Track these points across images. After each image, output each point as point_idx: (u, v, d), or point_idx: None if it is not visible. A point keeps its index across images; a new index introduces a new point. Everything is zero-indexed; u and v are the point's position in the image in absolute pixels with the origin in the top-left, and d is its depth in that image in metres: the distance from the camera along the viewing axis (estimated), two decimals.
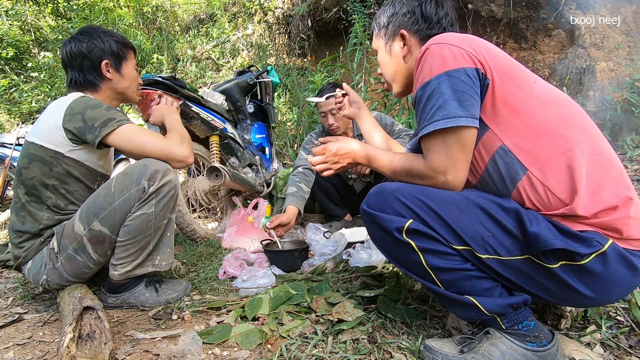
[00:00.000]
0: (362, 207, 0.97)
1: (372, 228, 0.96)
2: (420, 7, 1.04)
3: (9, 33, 5.97)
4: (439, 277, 0.89)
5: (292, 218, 1.94)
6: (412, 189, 0.92)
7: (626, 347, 1.01)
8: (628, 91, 3.14)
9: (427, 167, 0.91)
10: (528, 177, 0.85)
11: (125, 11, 7.33)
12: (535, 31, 3.98)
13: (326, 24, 5.39)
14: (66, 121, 1.28)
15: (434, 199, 0.88)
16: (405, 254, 0.91)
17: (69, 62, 1.40)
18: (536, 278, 0.84)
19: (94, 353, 0.97)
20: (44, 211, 1.33)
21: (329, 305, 1.21)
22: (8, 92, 5.68)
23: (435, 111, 0.87)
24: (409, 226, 0.88)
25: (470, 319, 0.93)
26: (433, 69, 0.88)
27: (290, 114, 5.14)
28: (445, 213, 0.86)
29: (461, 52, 0.87)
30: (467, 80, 0.85)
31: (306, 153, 2.47)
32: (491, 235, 0.84)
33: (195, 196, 2.58)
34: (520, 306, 0.87)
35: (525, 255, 0.83)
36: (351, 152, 1.11)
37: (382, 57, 1.14)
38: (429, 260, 0.88)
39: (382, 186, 0.96)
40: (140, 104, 2.29)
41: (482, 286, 0.87)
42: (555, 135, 0.84)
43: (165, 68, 6.10)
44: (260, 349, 1.03)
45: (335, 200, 2.46)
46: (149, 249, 1.33)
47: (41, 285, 1.33)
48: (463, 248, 0.86)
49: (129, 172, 1.27)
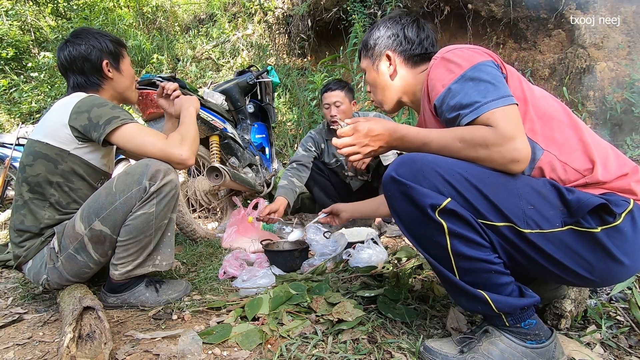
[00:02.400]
0: (390, 175, 0.88)
1: (399, 200, 0.89)
2: (403, 30, 1.13)
3: (9, 33, 5.97)
4: (458, 265, 0.86)
5: (281, 206, 2.02)
6: (450, 163, 0.86)
7: (626, 347, 1.01)
8: (628, 91, 3.13)
9: (496, 132, 0.83)
10: (546, 156, 0.90)
11: (125, 11, 7.33)
12: (535, 31, 3.98)
13: (326, 24, 5.39)
14: (72, 119, 1.29)
15: (474, 174, 0.85)
16: (430, 234, 0.87)
17: (69, 66, 1.40)
18: (578, 250, 0.83)
19: (94, 353, 0.97)
20: (45, 209, 1.33)
21: (329, 305, 1.21)
22: (8, 92, 5.68)
23: (492, 92, 0.86)
24: (446, 205, 0.83)
25: (475, 312, 0.92)
26: (462, 65, 0.91)
27: (290, 114, 5.14)
28: (486, 188, 0.84)
29: (477, 50, 0.94)
30: (496, 70, 0.91)
31: (303, 150, 2.48)
32: (532, 208, 0.83)
33: (195, 196, 2.58)
34: (529, 308, 0.87)
35: (567, 226, 0.83)
36: (384, 134, 0.97)
37: (371, 76, 1.20)
38: (456, 245, 0.85)
39: (413, 156, 0.89)
40: (140, 104, 2.29)
41: (498, 281, 0.86)
42: (558, 120, 0.93)
43: (165, 68, 6.10)
44: (260, 349, 1.03)
45: (333, 198, 2.46)
46: (149, 249, 1.33)
47: (41, 284, 1.33)
48: (504, 224, 0.84)
49: (130, 171, 1.28)
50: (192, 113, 1.51)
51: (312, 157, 2.46)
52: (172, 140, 1.34)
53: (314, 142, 2.54)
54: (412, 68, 1.13)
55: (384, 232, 2.22)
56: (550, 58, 3.81)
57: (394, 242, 2.07)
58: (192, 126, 1.44)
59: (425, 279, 1.49)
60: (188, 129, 1.41)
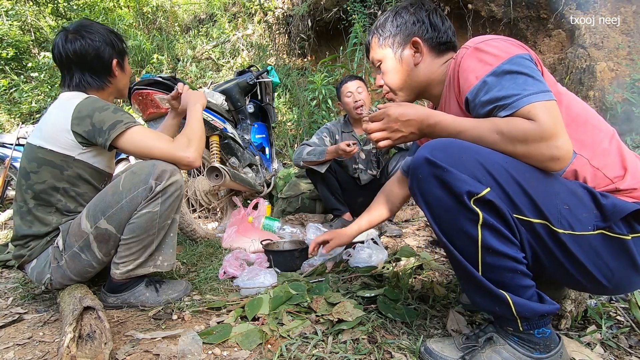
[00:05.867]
0: (424, 156, 0.82)
1: (431, 184, 0.82)
2: (429, 17, 1.07)
3: (9, 33, 5.97)
4: (485, 260, 0.81)
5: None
6: (490, 152, 0.82)
7: (626, 347, 1.01)
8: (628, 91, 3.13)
9: (538, 127, 0.78)
10: (578, 160, 0.87)
11: (125, 11, 7.33)
12: (535, 31, 3.98)
13: (326, 24, 5.39)
14: (75, 125, 1.27)
15: (514, 167, 0.81)
16: (461, 223, 0.81)
17: (78, 61, 1.34)
18: (603, 255, 0.81)
19: (94, 353, 0.97)
20: (52, 214, 1.33)
21: (329, 305, 1.21)
22: (8, 92, 5.69)
23: (531, 86, 0.81)
24: (485, 194, 0.78)
25: (489, 312, 0.87)
26: (499, 57, 0.85)
27: (290, 114, 5.14)
28: (526, 182, 0.80)
29: (512, 42, 0.89)
30: (533, 64, 0.86)
31: (317, 138, 2.50)
32: (567, 208, 0.80)
33: (195, 196, 2.58)
34: (548, 316, 0.84)
35: (599, 230, 0.81)
36: (416, 119, 0.92)
37: (391, 66, 1.10)
38: (487, 238, 0.79)
39: (451, 141, 0.84)
40: (140, 104, 2.29)
41: (522, 283, 0.82)
42: (590, 124, 0.90)
43: (165, 68, 6.10)
44: (260, 349, 1.03)
45: (337, 195, 2.46)
46: (151, 249, 1.33)
47: (43, 284, 1.33)
48: (538, 222, 0.80)
49: (137, 171, 1.28)
50: (199, 110, 1.49)
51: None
52: (178, 143, 1.33)
53: (329, 132, 2.56)
54: (436, 57, 1.07)
55: (384, 232, 2.22)
56: (550, 58, 3.81)
57: (394, 242, 2.07)
58: (199, 126, 1.43)
59: (425, 279, 1.49)
60: (194, 130, 1.40)
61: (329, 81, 4.33)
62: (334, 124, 2.61)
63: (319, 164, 2.31)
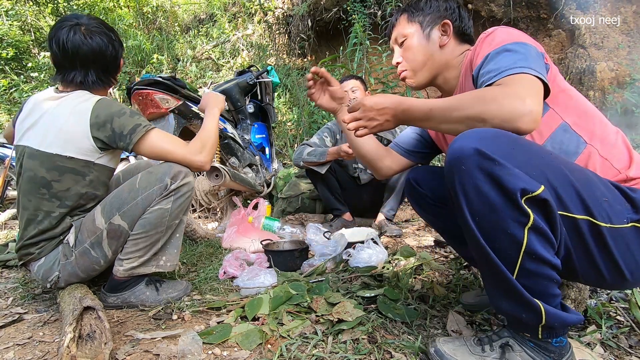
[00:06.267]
0: (473, 147, 0.74)
1: (478, 178, 0.74)
2: (459, 7, 1.13)
3: (9, 33, 5.97)
4: (524, 265, 0.75)
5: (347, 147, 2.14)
6: (538, 147, 0.80)
7: (626, 347, 1.01)
8: (628, 91, 3.14)
9: (504, 89, 0.78)
10: (588, 150, 0.90)
11: (125, 11, 7.33)
12: (535, 31, 3.98)
13: (326, 24, 5.39)
14: (94, 130, 1.27)
15: (561, 161, 0.80)
16: (506, 223, 0.74)
17: (94, 58, 1.30)
18: (632, 248, 0.81)
19: (94, 353, 0.97)
20: (73, 217, 1.35)
21: (329, 305, 1.21)
22: (8, 92, 5.69)
23: (519, 61, 0.83)
24: (540, 193, 0.72)
25: (512, 317, 0.83)
26: (508, 39, 0.90)
27: (290, 114, 5.14)
28: (573, 176, 0.78)
29: (526, 35, 0.93)
30: (539, 55, 0.89)
31: (317, 138, 2.50)
32: (606, 201, 0.80)
33: (195, 196, 2.58)
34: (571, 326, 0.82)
35: (632, 222, 0.81)
36: (390, 107, 0.94)
37: (417, 42, 1.11)
38: (533, 243, 0.74)
39: (498, 131, 0.77)
40: (140, 104, 2.29)
41: (554, 291, 0.79)
42: (598, 118, 0.95)
43: (165, 68, 6.10)
44: (260, 349, 1.03)
45: (337, 195, 2.47)
46: (157, 247, 1.35)
47: (49, 282, 1.33)
48: (583, 218, 0.78)
49: (153, 171, 1.33)
50: (216, 115, 1.54)
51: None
52: (192, 147, 1.38)
53: (330, 132, 2.57)
54: (458, 45, 1.11)
55: (384, 232, 2.22)
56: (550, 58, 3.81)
57: (394, 242, 2.07)
58: (214, 131, 1.48)
59: (425, 279, 1.49)
60: (209, 135, 1.45)
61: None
62: (335, 124, 2.61)
63: (320, 164, 2.31)
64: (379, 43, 4.10)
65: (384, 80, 3.95)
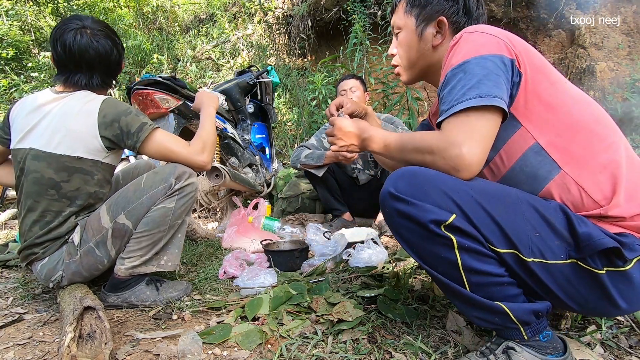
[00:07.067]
0: (387, 190, 0.83)
1: (397, 216, 0.83)
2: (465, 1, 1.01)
3: (9, 33, 5.97)
4: (470, 280, 0.80)
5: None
6: (456, 181, 0.80)
7: (626, 347, 1.01)
8: (628, 91, 3.14)
9: (441, 138, 0.80)
10: (561, 177, 0.82)
11: (125, 11, 7.33)
12: (535, 31, 3.98)
13: (326, 24, 5.39)
14: (102, 129, 1.29)
15: (482, 193, 0.79)
16: (437, 250, 0.81)
17: (100, 60, 1.32)
18: (576, 285, 0.78)
19: (94, 353, 0.98)
20: (78, 217, 1.35)
21: (329, 305, 1.21)
22: (8, 92, 5.68)
23: (467, 91, 0.80)
24: (452, 222, 0.77)
25: (491, 326, 0.85)
26: (468, 53, 0.83)
27: (290, 114, 5.14)
28: (493, 209, 0.78)
29: (498, 41, 0.84)
30: (502, 67, 0.81)
31: (315, 139, 2.51)
32: (538, 236, 0.78)
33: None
34: (544, 314, 0.82)
35: (571, 259, 0.77)
36: (354, 132, 1.02)
37: (408, 37, 1.06)
38: (466, 260, 0.79)
39: (415, 170, 0.83)
40: (140, 104, 2.29)
41: (510, 292, 0.81)
42: (591, 132, 0.82)
43: (165, 68, 6.10)
44: (260, 349, 1.03)
45: (336, 195, 2.47)
46: (159, 246, 1.36)
47: (53, 281, 1.33)
48: (507, 251, 0.79)
49: (159, 171, 1.36)
50: (212, 114, 1.55)
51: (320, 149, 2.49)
52: (194, 147, 1.41)
53: None
54: None
55: (384, 232, 2.22)
56: (550, 58, 3.81)
57: (394, 242, 2.07)
58: (213, 130, 1.50)
59: (425, 278, 1.49)
60: (209, 134, 1.47)
61: (329, 81, 4.33)
62: None
63: (317, 167, 2.30)
64: (379, 43, 4.10)
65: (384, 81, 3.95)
